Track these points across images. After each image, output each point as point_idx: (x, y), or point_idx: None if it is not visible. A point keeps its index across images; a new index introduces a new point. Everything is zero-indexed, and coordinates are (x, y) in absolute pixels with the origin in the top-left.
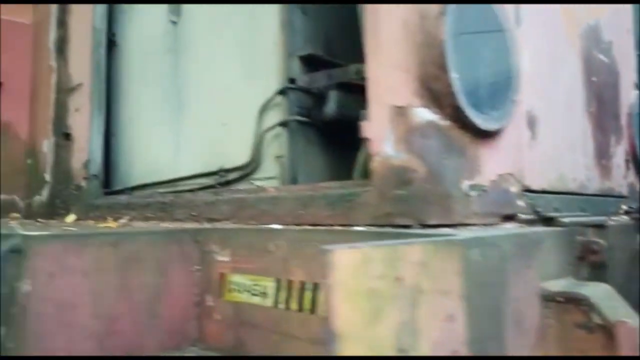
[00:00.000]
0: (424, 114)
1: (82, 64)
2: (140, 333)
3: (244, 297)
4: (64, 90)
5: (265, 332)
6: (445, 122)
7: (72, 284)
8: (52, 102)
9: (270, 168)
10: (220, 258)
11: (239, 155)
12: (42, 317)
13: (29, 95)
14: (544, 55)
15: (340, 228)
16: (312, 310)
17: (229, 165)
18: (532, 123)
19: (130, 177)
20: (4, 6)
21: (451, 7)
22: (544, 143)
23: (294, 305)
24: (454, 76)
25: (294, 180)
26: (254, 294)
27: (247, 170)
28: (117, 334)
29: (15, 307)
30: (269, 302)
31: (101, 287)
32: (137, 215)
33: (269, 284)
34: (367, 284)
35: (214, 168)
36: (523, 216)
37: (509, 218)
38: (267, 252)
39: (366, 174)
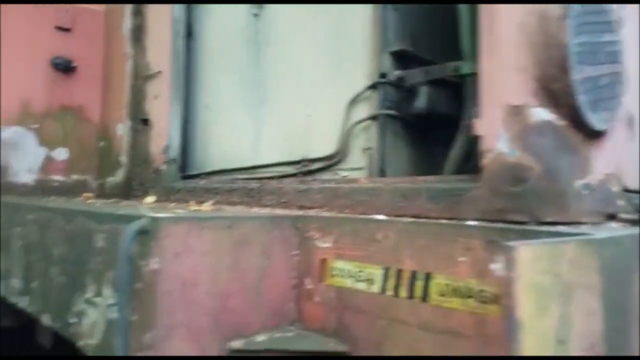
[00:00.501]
0: (541, 114)
1: (161, 52)
2: (248, 312)
3: (348, 283)
4: (141, 77)
5: (370, 317)
6: (560, 122)
7: (193, 263)
8: (128, 88)
9: (356, 159)
10: (321, 244)
11: (322, 146)
12: (168, 293)
13: (101, 80)
14: (636, 54)
15: (449, 222)
16: (424, 298)
17: (311, 155)
18: (630, 123)
19: (205, 163)
20: None
21: (573, 9)
22: (637, 142)
23: (403, 293)
24: (575, 77)
25: (381, 173)
26: (358, 280)
27: (332, 161)
28: (230, 312)
29: (141, 284)
30: (375, 288)
31: (217, 267)
32: (221, 199)
33: (376, 272)
34: (536, 278)
35: (295, 157)
36: (624, 215)
37: (612, 217)
38: (374, 241)
39: (460, 169)
